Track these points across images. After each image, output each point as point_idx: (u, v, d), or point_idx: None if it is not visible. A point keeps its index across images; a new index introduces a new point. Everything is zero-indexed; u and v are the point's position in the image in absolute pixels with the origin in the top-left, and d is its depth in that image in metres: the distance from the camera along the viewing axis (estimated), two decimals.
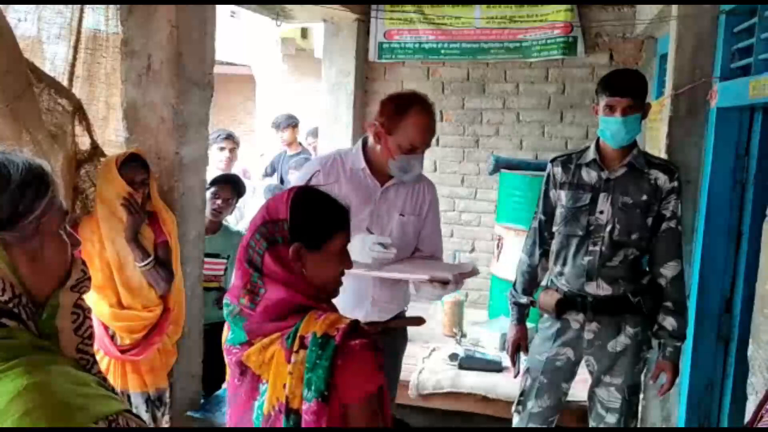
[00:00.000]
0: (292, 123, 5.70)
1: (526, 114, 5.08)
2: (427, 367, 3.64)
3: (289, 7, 4.92)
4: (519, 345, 2.86)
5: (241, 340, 1.44)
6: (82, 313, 1.22)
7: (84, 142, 2.71)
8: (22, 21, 2.47)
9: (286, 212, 1.45)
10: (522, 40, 4.96)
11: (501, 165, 4.58)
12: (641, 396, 2.87)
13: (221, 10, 3.87)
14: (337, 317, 1.40)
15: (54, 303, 1.16)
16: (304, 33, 9.38)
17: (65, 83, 2.64)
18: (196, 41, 2.88)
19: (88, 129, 2.71)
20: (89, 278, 1.26)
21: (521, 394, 2.82)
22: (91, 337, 1.23)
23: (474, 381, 3.45)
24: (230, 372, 1.49)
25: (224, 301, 1.51)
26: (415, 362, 3.65)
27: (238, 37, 9.63)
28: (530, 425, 2.79)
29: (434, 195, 2.64)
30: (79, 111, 2.64)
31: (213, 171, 3.53)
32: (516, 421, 2.84)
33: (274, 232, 1.44)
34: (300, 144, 5.84)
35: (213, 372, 3.36)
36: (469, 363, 3.58)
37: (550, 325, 2.75)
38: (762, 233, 1.71)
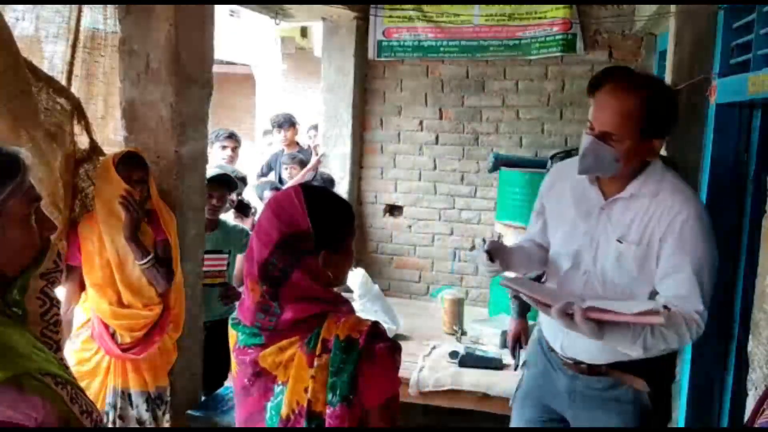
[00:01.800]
0: (292, 123, 5.70)
1: (526, 111, 5.07)
2: (427, 365, 3.63)
3: (288, 5, 4.92)
4: (519, 339, 2.87)
5: (255, 342, 1.42)
6: (49, 301, 1.33)
7: (83, 141, 2.72)
8: (20, 20, 2.48)
9: (306, 222, 1.38)
10: (521, 38, 4.96)
11: (501, 162, 4.58)
12: None
13: (220, 9, 3.88)
14: (357, 319, 1.40)
15: (22, 283, 1.23)
16: (304, 32, 9.38)
17: (64, 82, 2.64)
18: (195, 40, 2.88)
19: (87, 128, 2.71)
20: (61, 271, 1.31)
21: (518, 388, 2.81)
22: (56, 324, 1.34)
23: (474, 379, 3.45)
24: (240, 371, 1.47)
25: (234, 322, 1.48)
26: (416, 360, 3.65)
27: (238, 37, 9.63)
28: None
29: (684, 217, 1.87)
30: (77, 110, 2.64)
31: (215, 170, 3.53)
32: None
33: (299, 245, 1.38)
34: (298, 143, 5.84)
35: (216, 369, 3.37)
36: (469, 361, 3.57)
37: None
38: (762, 229, 1.70)
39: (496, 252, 2.17)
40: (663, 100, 1.88)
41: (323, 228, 1.40)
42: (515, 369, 2.90)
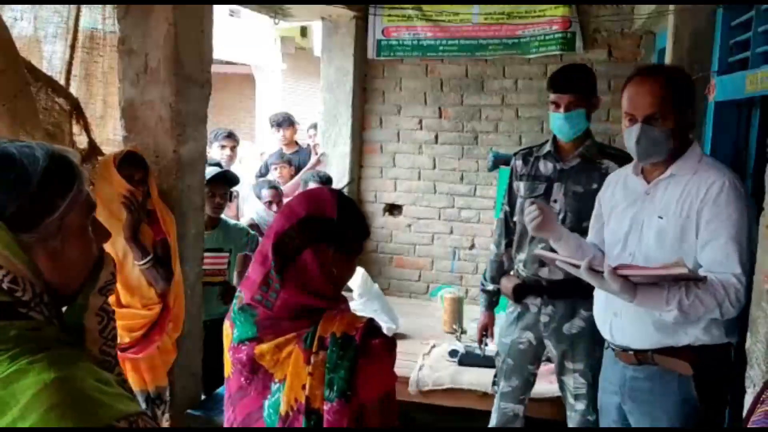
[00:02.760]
0: (291, 122, 5.71)
1: (525, 110, 5.07)
2: (426, 364, 3.64)
3: (287, 5, 4.92)
4: (487, 330, 3.06)
5: (248, 335, 1.43)
6: (106, 315, 1.18)
7: (82, 141, 2.72)
8: (18, 20, 2.48)
9: (333, 212, 1.44)
10: (520, 36, 4.96)
11: (500, 161, 4.57)
12: None
13: (219, 8, 3.88)
14: (353, 316, 1.43)
15: (82, 303, 1.12)
16: (304, 32, 9.38)
17: (62, 82, 2.65)
18: (194, 39, 2.88)
19: (86, 128, 2.71)
20: (115, 281, 1.20)
21: (495, 375, 3.01)
22: (114, 338, 1.19)
23: (474, 377, 3.45)
24: (235, 372, 1.47)
25: (237, 293, 1.51)
26: (415, 359, 3.65)
27: (238, 37, 9.63)
28: (502, 404, 2.93)
29: (719, 185, 1.94)
30: (76, 110, 2.65)
31: (214, 169, 3.53)
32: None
33: (319, 228, 1.43)
34: (297, 143, 5.85)
35: (216, 369, 3.36)
36: (468, 359, 3.57)
37: (513, 309, 2.88)
38: (759, 227, 1.71)
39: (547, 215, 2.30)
40: (680, 77, 2.11)
41: (346, 225, 1.46)
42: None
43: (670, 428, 1.98)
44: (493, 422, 2.99)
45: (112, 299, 2.69)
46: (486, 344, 3.18)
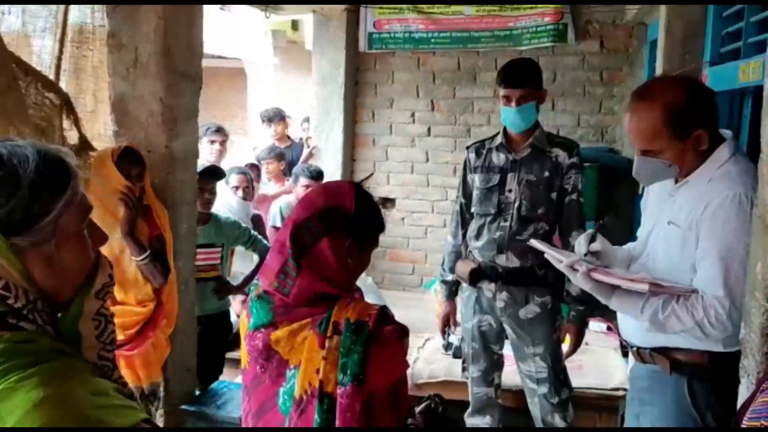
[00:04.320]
0: (282, 117, 5.69)
1: None
2: (421, 357, 3.64)
3: None
4: (449, 319, 3.14)
5: (264, 321, 1.46)
6: (104, 319, 1.13)
7: (72, 137, 2.70)
8: (6, 14, 2.46)
9: (351, 204, 1.48)
10: (512, 28, 4.95)
11: None
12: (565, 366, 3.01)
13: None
14: (366, 304, 1.46)
15: (77, 309, 1.07)
16: (295, 25, 9.33)
17: (52, 77, 2.62)
18: (184, 33, 2.85)
19: (76, 123, 2.69)
20: (113, 283, 1.15)
21: (464, 361, 3.12)
22: (113, 342, 1.14)
23: None
24: (251, 360, 1.49)
25: (254, 281, 1.54)
26: (410, 352, 3.65)
27: (228, 31, 9.57)
28: (475, 389, 3.06)
29: (719, 200, 1.82)
30: (66, 105, 2.63)
31: (204, 164, 3.51)
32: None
33: (336, 218, 1.46)
34: (289, 137, 5.83)
35: (211, 364, 3.36)
36: (463, 352, 3.57)
37: (469, 294, 2.99)
38: (753, 217, 1.70)
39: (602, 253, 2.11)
40: (684, 98, 1.86)
41: (360, 217, 1.49)
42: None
43: (670, 428, 1.96)
44: (470, 409, 3.11)
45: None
46: (449, 333, 3.32)
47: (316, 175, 4.40)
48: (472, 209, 2.96)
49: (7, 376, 0.89)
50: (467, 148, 3.03)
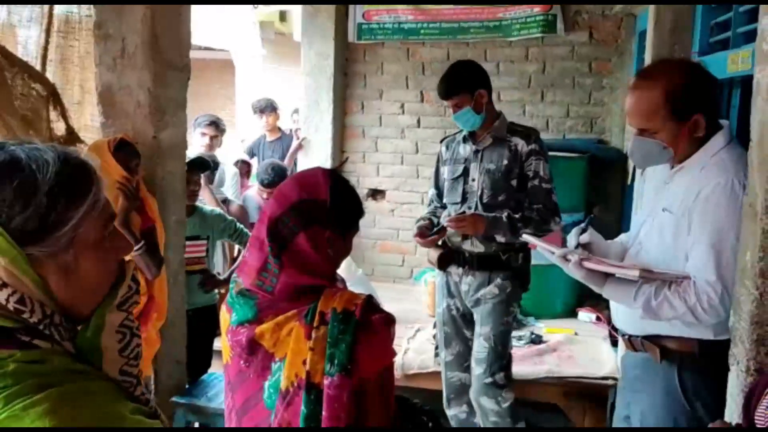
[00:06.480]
0: (273, 108, 5.66)
1: (507, 93, 5.06)
2: (411, 348, 3.65)
3: None
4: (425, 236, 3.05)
5: (248, 317, 1.44)
6: (129, 332, 1.04)
7: (59, 128, 2.68)
8: None
9: (326, 194, 1.45)
10: (502, 19, 4.94)
11: None
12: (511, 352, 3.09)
13: None
14: (352, 294, 1.45)
15: (98, 322, 0.99)
16: (283, 16, 9.28)
17: (38, 67, 2.60)
18: (172, 23, 2.83)
19: (63, 114, 2.67)
20: (138, 292, 1.07)
21: (436, 347, 3.20)
22: (137, 357, 1.05)
23: None
24: (234, 356, 1.46)
25: (233, 278, 1.51)
26: (400, 343, 3.66)
27: (216, 22, 9.51)
28: (448, 374, 3.14)
29: (711, 187, 1.81)
30: (53, 96, 2.61)
31: (193, 155, 3.48)
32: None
33: (312, 212, 1.44)
34: (280, 129, 5.81)
35: (199, 357, 3.35)
36: None
37: (440, 279, 3.15)
38: (743, 205, 1.71)
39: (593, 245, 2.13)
40: (687, 79, 1.87)
41: (337, 207, 1.46)
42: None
43: (671, 428, 1.96)
44: (444, 395, 3.17)
45: None
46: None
47: (268, 183, 4.31)
48: (444, 200, 3.11)
49: (14, 402, 0.83)
50: (441, 141, 3.20)
